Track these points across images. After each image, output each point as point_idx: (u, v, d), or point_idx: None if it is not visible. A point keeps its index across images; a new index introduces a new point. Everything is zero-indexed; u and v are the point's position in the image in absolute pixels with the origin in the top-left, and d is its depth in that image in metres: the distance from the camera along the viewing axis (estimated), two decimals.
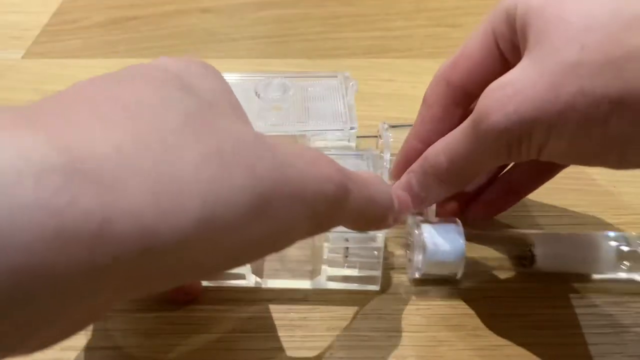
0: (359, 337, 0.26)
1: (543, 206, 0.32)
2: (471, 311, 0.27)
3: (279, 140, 0.17)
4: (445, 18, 0.48)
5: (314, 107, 0.32)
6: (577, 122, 0.20)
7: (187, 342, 0.26)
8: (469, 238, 0.26)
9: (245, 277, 0.28)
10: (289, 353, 0.25)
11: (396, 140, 0.32)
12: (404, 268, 0.28)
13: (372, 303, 0.27)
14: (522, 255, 0.27)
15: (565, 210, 0.32)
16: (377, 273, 0.27)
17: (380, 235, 0.26)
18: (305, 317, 0.27)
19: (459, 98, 0.26)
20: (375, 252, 0.26)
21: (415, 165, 0.26)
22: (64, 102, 0.14)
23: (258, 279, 0.28)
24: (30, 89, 0.42)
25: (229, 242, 0.15)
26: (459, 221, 0.27)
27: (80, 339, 0.26)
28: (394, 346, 0.25)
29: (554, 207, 0.32)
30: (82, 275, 0.12)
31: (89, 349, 0.25)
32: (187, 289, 0.27)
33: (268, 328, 0.26)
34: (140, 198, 0.13)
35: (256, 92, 0.32)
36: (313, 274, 0.27)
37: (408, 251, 0.28)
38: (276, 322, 0.26)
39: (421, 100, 0.27)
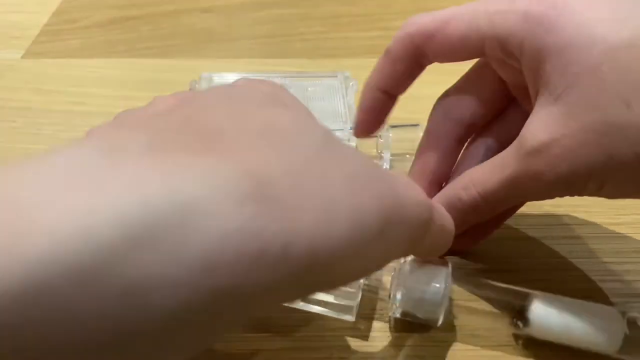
0: (359, 337, 0.26)
1: (542, 206, 0.32)
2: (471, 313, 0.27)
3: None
4: None
5: (314, 107, 0.32)
6: (634, 176, 0.21)
7: None
8: (459, 285, 0.25)
9: None
10: (289, 353, 0.25)
11: (396, 140, 0.32)
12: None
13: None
14: (515, 315, 0.25)
15: (565, 210, 0.32)
16: (353, 303, 0.26)
17: None
18: (305, 317, 0.26)
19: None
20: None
21: (439, 199, 0.26)
22: (224, 126, 0.15)
23: None
24: (30, 89, 0.42)
25: (359, 260, 0.16)
26: (449, 265, 0.25)
27: None
28: (395, 346, 0.25)
29: (554, 206, 0.32)
30: (262, 293, 0.13)
31: None
32: None
33: (268, 328, 0.26)
34: (310, 221, 0.14)
35: None
36: None
37: (391, 288, 0.26)
38: (276, 322, 0.26)
39: (421, 100, 0.27)
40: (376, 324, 0.26)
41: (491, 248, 0.29)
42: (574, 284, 0.28)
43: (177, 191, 0.12)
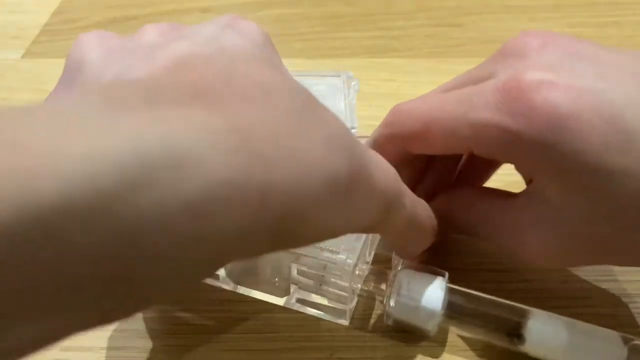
0: (359, 337, 0.26)
1: None
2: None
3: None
4: (445, 18, 0.48)
5: None
6: None
7: (187, 343, 0.26)
8: (454, 299, 0.24)
9: (220, 279, 0.27)
10: (289, 353, 0.25)
11: None
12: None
13: (370, 308, 0.27)
14: (511, 331, 0.24)
15: None
16: (346, 308, 0.26)
17: (349, 269, 0.24)
18: (305, 317, 0.27)
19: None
20: (346, 286, 0.25)
21: None
22: (214, 80, 0.16)
23: (235, 285, 0.27)
24: (30, 88, 0.42)
25: (327, 218, 0.17)
26: (445, 276, 0.25)
27: (80, 340, 0.25)
28: (395, 346, 0.25)
29: None
30: (240, 241, 0.14)
31: (88, 349, 0.25)
32: None
33: (268, 328, 0.26)
34: (286, 174, 0.15)
35: None
36: (286, 292, 0.27)
37: (386, 295, 0.25)
38: (276, 322, 0.26)
39: None
40: (374, 328, 0.26)
41: (491, 247, 0.29)
42: (573, 284, 0.28)
43: (172, 142, 0.13)
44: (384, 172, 0.19)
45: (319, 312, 0.26)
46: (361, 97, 0.34)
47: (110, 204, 0.11)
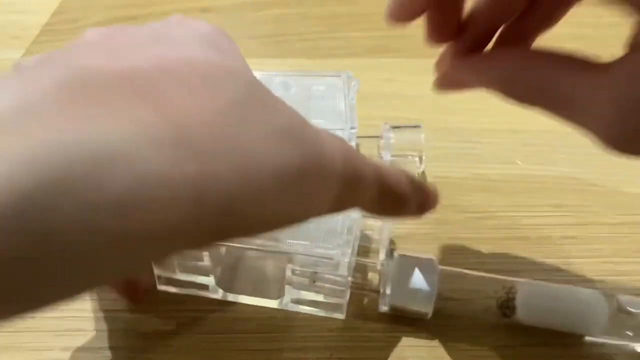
0: (359, 337, 0.26)
1: (544, 206, 0.32)
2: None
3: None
4: None
5: (316, 106, 0.32)
6: None
7: (187, 343, 0.26)
8: (446, 278, 0.25)
9: (209, 289, 0.27)
10: (289, 353, 0.25)
11: (397, 141, 0.32)
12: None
13: (372, 303, 0.27)
14: (503, 304, 0.25)
15: (565, 210, 0.32)
16: (342, 301, 0.26)
17: (344, 263, 0.25)
18: (305, 317, 0.27)
19: None
20: (341, 280, 0.25)
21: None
22: (147, 70, 0.15)
23: (224, 293, 0.27)
24: None
25: (275, 209, 0.16)
26: (435, 259, 0.25)
27: (79, 339, 0.26)
28: (395, 346, 0.25)
29: (555, 206, 0.32)
30: (176, 235, 0.14)
31: (88, 349, 0.25)
32: (132, 291, 0.27)
33: (267, 328, 0.26)
34: (227, 168, 0.14)
35: None
36: (279, 293, 0.27)
37: (380, 284, 0.26)
38: (276, 322, 0.26)
39: (421, 100, 0.27)
40: (369, 321, 0.26)
41: (490, 248, 0.29)
42: (573, 284, 0.28)
43: (94, 138, 0.12)
44: (338, 152, 0.19)
45: (315, 309, 0.27)
46: (361, 97, 0.34)
47: (32, 209, 0.11)
